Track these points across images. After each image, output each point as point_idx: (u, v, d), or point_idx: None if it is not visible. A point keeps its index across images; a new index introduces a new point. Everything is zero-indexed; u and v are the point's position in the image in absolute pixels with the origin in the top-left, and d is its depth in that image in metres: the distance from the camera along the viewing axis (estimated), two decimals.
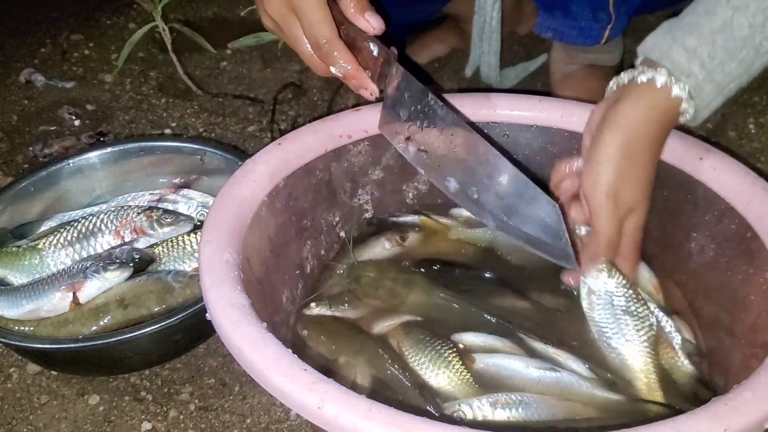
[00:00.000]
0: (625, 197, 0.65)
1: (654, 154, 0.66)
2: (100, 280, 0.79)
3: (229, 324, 0.54)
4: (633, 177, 0.65)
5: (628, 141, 0.64)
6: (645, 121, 0.64)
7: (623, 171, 0.64)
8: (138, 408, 0.78)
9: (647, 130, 0.65)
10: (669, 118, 0.65)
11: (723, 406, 0.49)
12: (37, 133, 1.19)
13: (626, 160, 0.64)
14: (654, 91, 0.64)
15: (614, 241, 0.65)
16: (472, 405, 0.61)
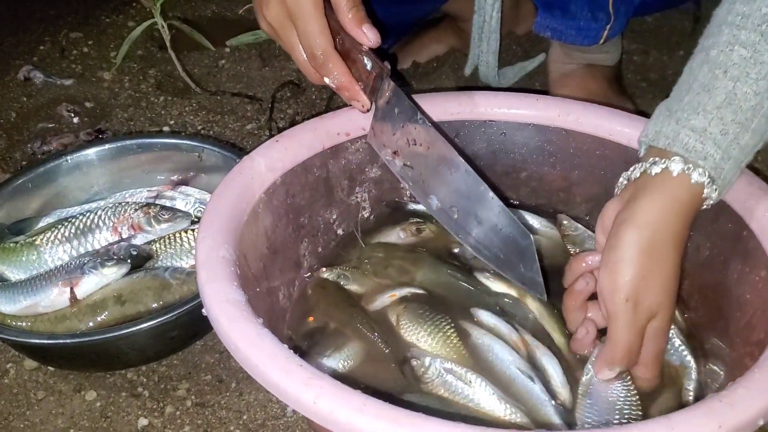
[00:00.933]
0: (647, 302, 0.59)
1: (678, 251, 0.61)
2: (98, 276, 0.80)
3: (226, 319, 0.55)
4: (656, 279, 0.59)
5: (651, 240, 0.59)
6: (667, 216, 0.60)
7: (645, 273, 0.59)
8: (135, 404, 0.79)
9: (670, 225, 0.60)
10: (692, 208, 0.61)
11: (718, 403, 0.49)
12: (35, 131, 1.19)
13: (648, 260, 0.59)
14: (671, 182, 0.60)
15: (633, 349, 0.60)
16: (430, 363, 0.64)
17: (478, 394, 0.62)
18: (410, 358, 0.66)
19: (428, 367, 0.64)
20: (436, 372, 0.64)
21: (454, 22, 1.27)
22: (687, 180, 0.60)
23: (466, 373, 0.63)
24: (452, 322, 0.68)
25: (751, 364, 0.54)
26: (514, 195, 0.86)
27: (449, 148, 0.66)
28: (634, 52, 1.31)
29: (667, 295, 0.60)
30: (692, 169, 0.59)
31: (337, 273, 0.75)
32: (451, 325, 0.68)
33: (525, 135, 0.81)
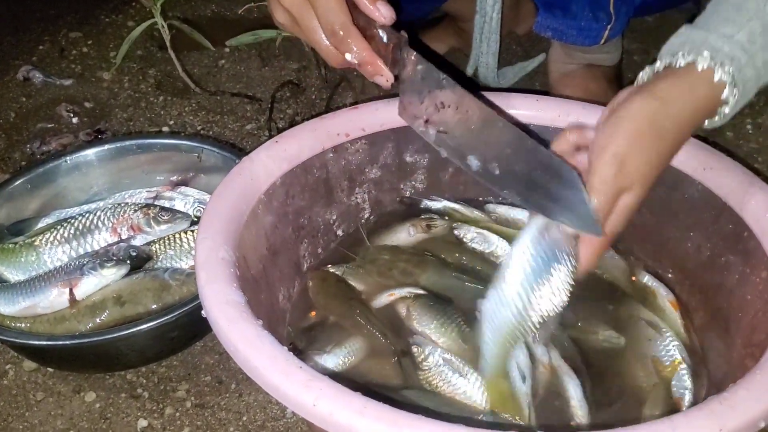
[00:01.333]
0: (632, 167, 0.58)
1: (678, 138, 0.60)
2: (97, 277, 0.79)
3: (225, 321, 0.54)
4: (648, 150, 0.59)
5: (659, 111, 0.58)
6: (682, 99, 0.59)
7: (642, 140, 0.58)
8: (134, 405, 0.78)
9: (681, 109, 0.59)
10: (707, 105, 0.60)
11: (719, 405, 0.49)
12: (35, 131, 1.19)
13: (649, 129, 0.58)
14: (695, 75, 0.59)
15: (604, 208, 0.58)
16: (430, 352, 0.65)
17: (470, 388, 0.63)
18: (412, 344, 0.67)
19: (428, 355, 0.65)
20: (434, 361, 0.65)
21: (454, 22, 1.27)
22: (710, 76, 0.59)
23: (464, 366, 0.64)
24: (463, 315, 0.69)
25: (753, 365, 0.54)
26: None
27: (479, 104, 0.63)
28: (634, 51, 1.31)
29: (649, 172, 0.59)
30: (718, 66, 0.59)
31: (341, 270, 0.76)
32: (463, 318, 0.69)
33: None
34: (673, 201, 0.74)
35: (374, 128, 0.78)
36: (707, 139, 1.08)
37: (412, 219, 0.81)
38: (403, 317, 0.71)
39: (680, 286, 0.75)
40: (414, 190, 0.84)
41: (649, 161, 0.59)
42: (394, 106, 0.79)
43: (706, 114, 0.62)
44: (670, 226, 0.75)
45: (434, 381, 0.64)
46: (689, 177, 0.71)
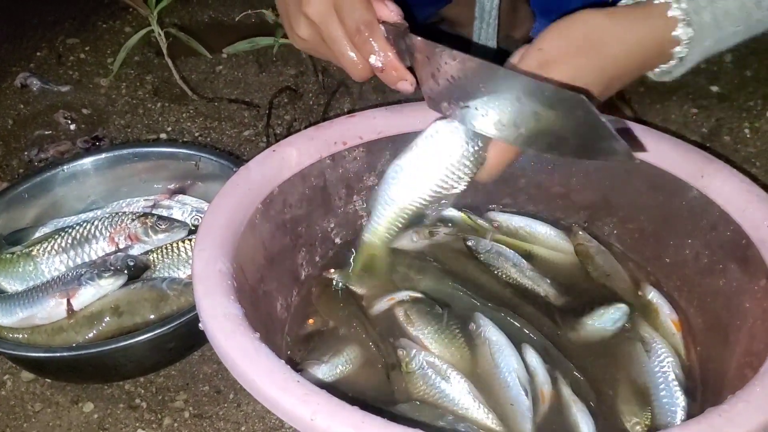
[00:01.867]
0: (554, 68, 0.58)
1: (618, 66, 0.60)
2: (95, 288, 0.79)
3: (222, 335, 0.54)
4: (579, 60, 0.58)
5: (606, 28, 0.58)
6: (634, 30, 0.59)
7: (576, 44, 0.58)
8: (132, 415, 0.78)
9: (631, 38, 0.59)
10: (658, 51, 0.60)
11: (717, 418, 0.49)
12: (32, 138, 1.19)
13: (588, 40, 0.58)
14: (661, 17, 0.59)
15: None
16: (414, 355, 0.66)
17: (454, 392, 0.63)
18: (397, 348, 0.67)
19: (413, 357, 0.66)
20: (418, 364, 0.65)
21: (451, 27, 1.26)
22: (665, 10, 0.59)
23: (447, 370, 0.65)
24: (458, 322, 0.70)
25: (752, 375, 0.54)
26: (513, 202, 0.85)
27: (474, 60, 0.61)
28: None
29: (569, 83, 0.58)
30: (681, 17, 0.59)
31: (344, 275, 0.76)
32: (458, 326, 0.69)
33: None
34: (670, 208, 0.74)
35: (371, 136, 0.78)
36: (704, 144, 1.09)
37: (415, 226, 0.81)
38: (401, 321, 0.71)
39: (679, 293, 0.75)
40: None
41: (576, 68, 0.58)
42: (392, 114, 0.79)
43: (653, 49, 0.60)
44: (667, 233, 0.75)
45: (419, 384, 0.65)
46: (687, 184, 0.71)
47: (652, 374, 0.66)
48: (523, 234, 0.81)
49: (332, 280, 0.76)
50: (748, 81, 1.22)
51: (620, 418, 0.63)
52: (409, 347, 0.67)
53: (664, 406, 0.63)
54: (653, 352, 0.67)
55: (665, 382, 0.65)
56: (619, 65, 0.60)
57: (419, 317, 0.70)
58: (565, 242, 0.81)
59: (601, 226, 0.82)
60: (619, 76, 0.61)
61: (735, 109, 1.17)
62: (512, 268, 0.77)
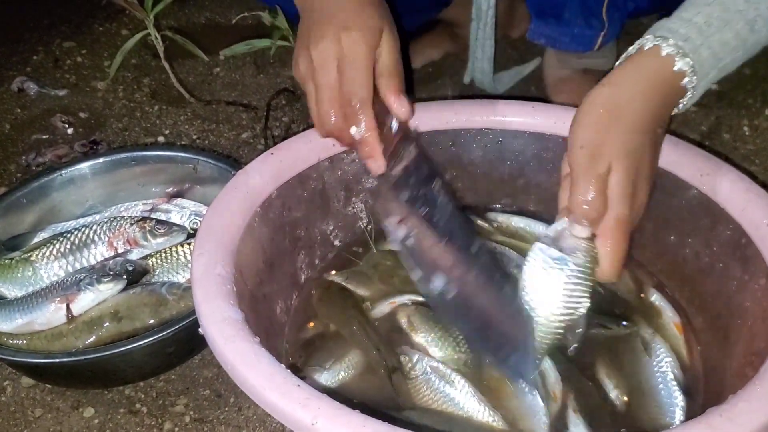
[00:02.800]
0: (604, 150, 0.59)
1: (645, 116, 0.61)
2: (94, 293, 0.79)
3: (222, 339, 0.54)
4: (614, 133, 0.59)
5: (615, 95, 0.61)
6: (638, 80, 0.61)
7: (602, 123, 0.60)
8: (133, 420, 0.78)
9: (639, 89, 0.61)
10: (658, 78, 0.62)
11: (718, 418, 0.48)
12: (30, 142, 1.19)
13: (607, 114, 0.60)
14: (656, 58, 0.61)
15: (592, 199, 0.59)
16: (417, 360, 0.65)
17: (459, 396, 0.63)
18: (399, 354, 0.67)
19: (415, 363, 0.66)
20: (421, 369, 0.65)
21: (449, 28, 1.26)
22: (671, 62, 0.61)
23: (451, 374, 0.64)
24: None
25: (752, 374, 0.53)
26: (512, 202, 0.85)
27: (467, 226, 0.66)
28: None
29: (623, 147, 0.59)
30: (679, 56, 0.61)
31: (344, 276, 0.76)
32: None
33: (521, 143, 0.81)
34: (670, 207, 0.74)
35: None
36: (703, 143, 1.09)
37: None
38: (404, 327, 0.71)
39: (679, 292, 0.75)
40: None
41: (618, 138, 0.60)
42: None
43: (671, 94, 0.62)
44: (668, 233, 0.75)
45: (423, 390, 0.64)
46: (687, 183, 0.71)
47: (651, 374, 0.66)
48: (523, 234, 0.81)
49: (332, 282, 0.76)
50: (746, 79, 1.22)
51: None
52: (411, 354, 0.67)
53: (664, 406, 0.63)
54: (653, 352, 0.67)
55: (664, 381, 0.65)
56: (641, 115, 0.61)
57: (422, 323, 0.70)
58: None
59: None
60: (652, 128, 0.63)
61: (734, 107, 1.16)
62: (515, 269, 0.76)
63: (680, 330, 0.70)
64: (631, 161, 0.60)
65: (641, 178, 0.61)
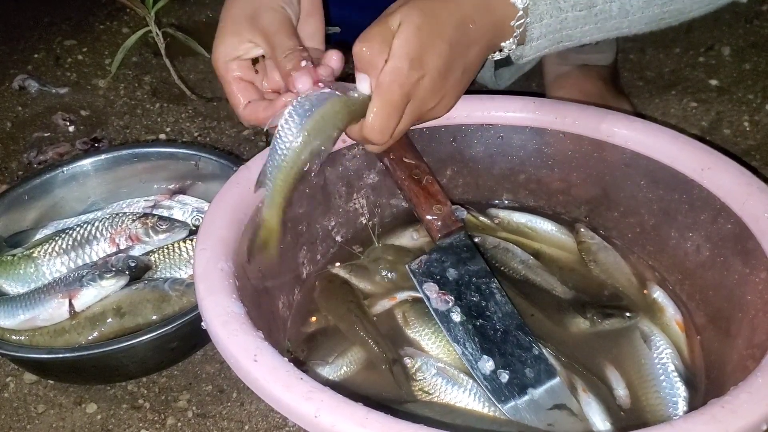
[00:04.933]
0: (398, 10, 0.60)
1: (462, 32, 0.62)
2: (97, 289, 0.79)
3: (225, 333, 0.54)
4: (434, 41, 0.61)
5: (437, 5, 0.61)
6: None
7: (423, 33, 0.60)
8: (136, 416, 0.78)
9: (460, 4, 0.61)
10: (496, 16, 0.63)
11: (720, 409, 0.49)
12: (31, 140, 1.19)
13: (429, 22, 0.60)
14: None
15: (369, 40, 0.60)
16: (423, 362, 0.65)
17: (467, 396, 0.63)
18: (403, 356, 0.67)
19: (421, 366, 0.65)
20: (428, 372, 0.65)
21: None
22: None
23: (459, 374, 0.65)
24: None
25: (754, 366, 0.54)
26: (513, 197, 0.85)
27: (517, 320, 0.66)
28: (629, 50, 1.30)
29: (420, 15, 0.60)
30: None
31: (348, 269, 0.76)
32: None
33: (522, 138, 0.81)
34: (671, 201, 0.74)
35: None
36: (704, 137, 1.09)
37: (416, 224, 0.81)
38: (400, 323, 0.71)
39: (680, 286, 0.75)
40: None
41: (436, 50, 0.60)
42: None
43: (488, 14, 0.63)
44: (668, 227, 0.75)
45: (429, 391, 0.64)
46: (687, 177, 0.71)
47: (652, 366, 0.66)
48: (525, 230, 0.82)
49: (336, 276, 0.76)
50: (747, 74, 1.22)
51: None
52: (415, 355, 0.67)
53: (666, 397, 0.64)
54: (653, 345, 0.67)
55: (665, 373, 0.65)
56: (463, 33, 0.62)
57: (416, 318, 0.70)
58: (567, 237, 0.81)
59: (602, 220, 0.82)
60: (468, 39, 0.63)
61: (734, 103, 1.17)
62: (520, 264, 0.76)
63: (682, 328, 0.71)
64: (426, 30, 0.60)
65: (433, 56, 0.61)
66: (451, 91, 0.65)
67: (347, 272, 0.76)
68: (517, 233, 0.82)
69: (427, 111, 0.65)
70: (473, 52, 0.64)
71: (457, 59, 0.63)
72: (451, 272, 0.68)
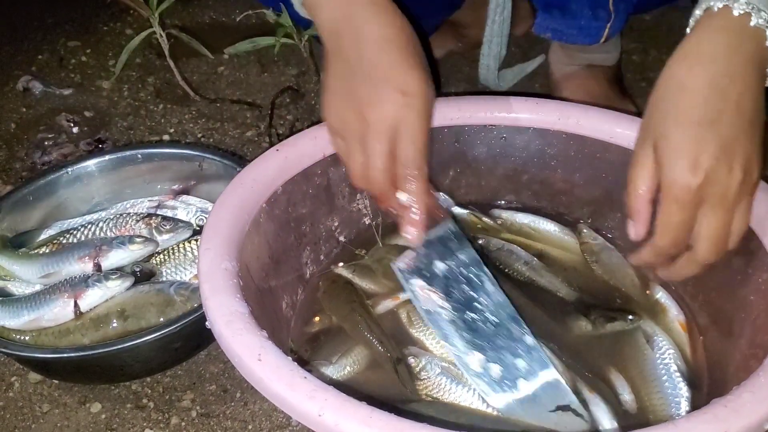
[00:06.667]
0: (725, 132, 0.53)
1: (748, 93, 0.55)
2: (102, 289, 0.79)
3: (229, 332, 0.55)
4: (726, 124, 0.54)
5: (714, 72, 0.55)
6: (727, 53, 0.55)
7: (714, 105, 0.54)
8: (140, 415, 0.78)
9: (731, 63, 0.55)
10: (757, 53, 0.56)
11: (723, 408, 0.49)
12: (35, 141, 1.19)
13: (715, 93, 0.54)
14: (731, 20, 0.56)
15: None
16: (427, 362, 0.65)
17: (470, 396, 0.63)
18: (407, 356, 0.67)
19: (425, 365, 0.66)
20: (432, 371, 0.65)
21: (454, 28, 1.27)
22: (746, 20, 0.55)
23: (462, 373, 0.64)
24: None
25: (756, 366, 0.54)
26: (516, 198, 0.86)
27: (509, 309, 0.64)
28: (633, 51, 1.31)
29: (741, 145, 0.55)
30: (754, 11, 0.55)
31: (351, 269, 0.77)
32: None
33: (525, 139, 0.81)
34: None
35: None
36: None
37: None
38: (404, 322, 0.71)
39: (683, 286, 0.75)
40: None
41: (732, 134, 0.54)
42: None
43: (762, 59, 0.57)
44: None
45: (433, 391, 0.65)
46: None
47: (655, 366, 0.66)
48: (528, 231, 0.82)
49: (339, 276, 0.76)
50: None
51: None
52: (420, 355, 0.67)
53: (668, 397, 0.64)
54: (655, 345, 0.68)
55: (668, 373, 0.65)
56: (751, 91, 0.56)
57: (421, 318, 0.70)
58: (570, 238, 0.81)
59: (605, 221, 0.82)
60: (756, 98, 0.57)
61: None
62: (524, 266, 0.77)
63: (684, 328, 0.71)
64: (757, 161, 0.55)
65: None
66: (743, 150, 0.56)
67: (350, 272, 0.77)
68: (520, 234, 0.82)
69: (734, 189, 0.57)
70: (745, 101, 0.56)
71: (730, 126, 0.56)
72: (439, 266, 0.67)
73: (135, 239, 0.83)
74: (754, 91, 0.56)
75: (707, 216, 0.57)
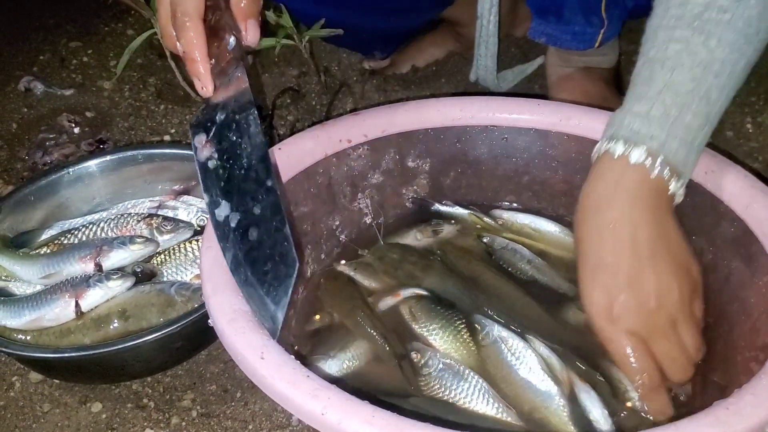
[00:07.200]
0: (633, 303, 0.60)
1: (657, 232, 0.61)
2: (103, 289, 0.80)
3: (232, 331, 0.55)
4: (654, 269, 0.60)
5: (608, 218, 0.61)
6: (627, 206, 0.61)
7: (633, 274, 0.60)
8: (140, 415, 0.78)
9: (632, 215, 0.61)
10: (652, 192, 0.62)
11: (725, 411, 0.49)
12: (36, 141, 1.19)
13: (610, 237, 0.61)
14: (633, 169, 0.61)
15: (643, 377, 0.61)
16: (429, 357, 0.66)
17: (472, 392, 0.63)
18: (410, 350, 0.67)
19: (427, 360, 0.66)
20: (434, 366, 0.65)
21: (452, 27, 1.27)
22: (644, 168, 0.61)
23: (464, 370, 0.65)
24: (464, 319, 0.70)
25: (758, 369, 0.54)
26: (517, 199, 0.86)
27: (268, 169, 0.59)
28: (632, 52, 1.30)
29: (662, 285, 0.60)
30: (631, 149, 0.61)
31: (353, 267, 0.77)
32: (462, 322, 0.69)
33: (526, 140, 0.81)
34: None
35: (376, 134, 0.79)
36: None
37: (419, 225, 0.82)
38: (406, 319, 0.72)
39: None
40: (416, 195, 0.85)
41: (663, 271, 0.61)
42: (396, 112, 0.80)
43: (657, 197, 0.62)
44: None
45: (435, 386, 0.65)
46: (690, 180, 0.71)
47: None
48: (529, 231, 0.82)
49: (340, 273, 0.76)
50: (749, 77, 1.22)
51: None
52: (422, 350, 0.67)
53: None
54: None
55: None
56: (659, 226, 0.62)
57: (423, 314, 0.71)
58: (570, 239, 0.81)
59: None
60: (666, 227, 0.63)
61: (737, 105, 1.17)
62: (527, 264, 0.77)
63: None
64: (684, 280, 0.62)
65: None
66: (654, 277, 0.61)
67: (352, 269, 0.77)
68: (521, 234, 0.82)
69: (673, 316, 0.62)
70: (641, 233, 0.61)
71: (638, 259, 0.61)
72: (219, 115, 0.62)
73: (136, 239, 0.83)
74: (651, 225, 0.61)
75: (654, 345, 0.61)
